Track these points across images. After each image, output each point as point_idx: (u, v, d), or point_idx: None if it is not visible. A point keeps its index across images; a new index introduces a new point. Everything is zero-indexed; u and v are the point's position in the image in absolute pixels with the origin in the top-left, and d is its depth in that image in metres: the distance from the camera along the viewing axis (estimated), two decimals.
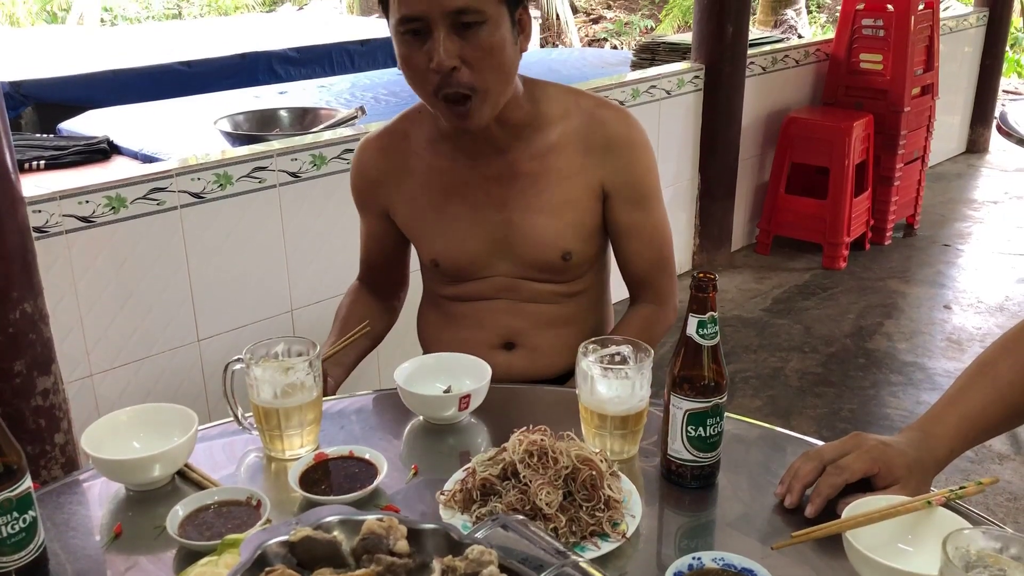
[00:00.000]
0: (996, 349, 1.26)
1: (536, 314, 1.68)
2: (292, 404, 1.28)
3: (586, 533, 1.11)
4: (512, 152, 1.60)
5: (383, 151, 1.70)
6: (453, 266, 1.67)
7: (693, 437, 1.22)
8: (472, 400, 1.39)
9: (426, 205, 1.66)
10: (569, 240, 1.63)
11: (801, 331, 3.89)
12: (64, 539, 1.15)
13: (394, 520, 0.88)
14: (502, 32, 1.45)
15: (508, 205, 1.62)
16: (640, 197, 1.64)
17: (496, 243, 1.64)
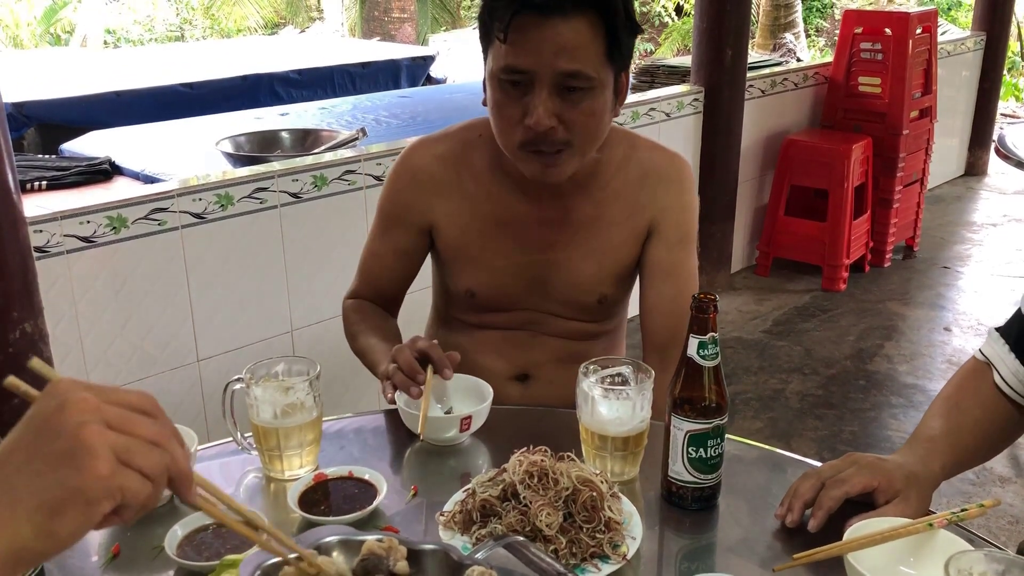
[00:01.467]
0: (955, 387, 1.34)
1: (556, 348, 1.66)
2: (292, 424, 1.28)
3: (586, 555, 1.11)
4: (571, 199, 1.58)
5: (441, 159, 1.61)
6: (489, 299, 1.64)
7: (694, 458, 1.22)
8: (473, 421, 1.38)
9: (475, 233, 1.61)
10: (607, 284, 1.62)
11: (801, 353, 3.89)
12: (62, 560, 1.14)
13: (394, 541, 0.88)
14: (605, 97, 1.44)
15: (555, 247, 1.60)
16: (683, 236, 1.61)
17: (535, 281, 1.62)
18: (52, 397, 0.67)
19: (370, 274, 1.73)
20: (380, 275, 1.72)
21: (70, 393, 0.66)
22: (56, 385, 0.68)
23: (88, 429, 0.65)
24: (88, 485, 0.64)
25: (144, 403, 0.70)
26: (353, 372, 2.38)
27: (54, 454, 0.64)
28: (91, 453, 0.64)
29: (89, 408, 0.65)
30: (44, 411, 0.66)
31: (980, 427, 1.28)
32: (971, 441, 1.27)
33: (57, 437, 0.64)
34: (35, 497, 0.64)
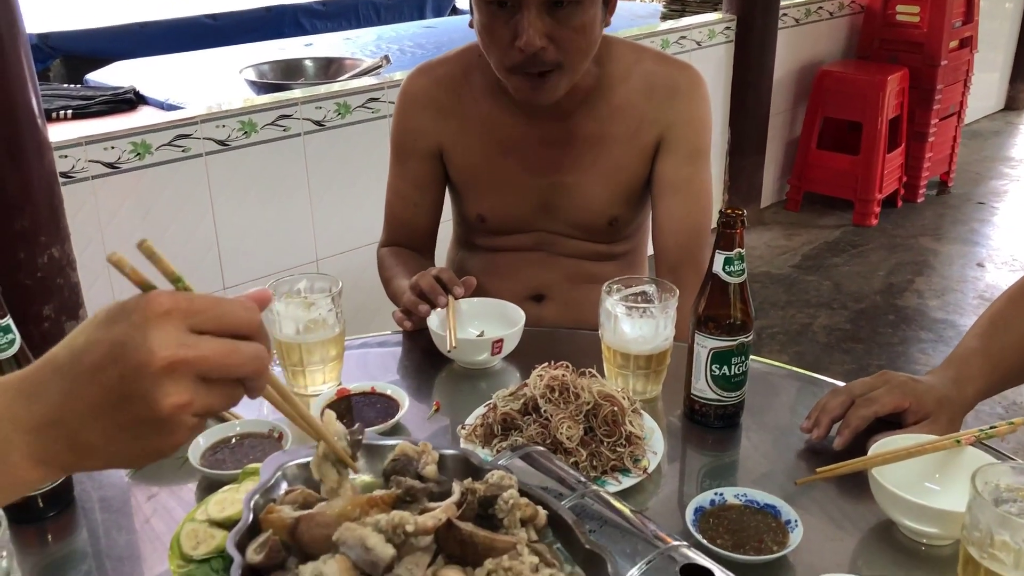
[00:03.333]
0: (1004, 302, 1.26)
1: (570, 269, 1.65)
2: (314, 340, 1.28)
3: (607, 468, 1.10)
4: (573, 117, 1.55)
5: (439, 83, 1.59)
6: (499, 222, 1.63)
7: (717, 376, 1.20)
8: (505, 345, 1.38)
9: (480, 157, 1.59)
10: (617, 206, 1.59)
11: (830, 288, 3.84)
12: (88, 474, 1.16)
13: (428, 445, 0.87)
14: (594, 10, 1.40)
15: (562, 169, 1.57)
16: (694, 151, 1.57)
17: (543, 205, 1.60)
18: (141, 332, 0.59)
19: (397, 217, 1.72)
20: (406, 215, 1.70)
21: (159, 336, 0.58)
22: (147, 309, 0.60)
23: (174, 401, 0.59)
24: (166, 449, 0.63)
25: (242, 321, 0.63)
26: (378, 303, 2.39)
27: (136, 419, 0.60)
28: (173, 427, 0.60)
29: (180, 366, 0.59)
30: (128, 351, 0.59)
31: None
32: (1016, 359, 1.22)
33: (141, 399, 0.59)
34: (108, 449, 0.62)
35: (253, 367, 0.63)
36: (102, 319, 0.61)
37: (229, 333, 0.62)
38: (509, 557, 0.71)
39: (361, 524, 0.74)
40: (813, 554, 0.99)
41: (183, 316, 0.60)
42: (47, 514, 1.06)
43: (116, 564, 1.00)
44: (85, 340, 0.61)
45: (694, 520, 1.02)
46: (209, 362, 0.60)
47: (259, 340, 0.64)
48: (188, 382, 0.60)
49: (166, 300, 0.60)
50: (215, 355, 0.61)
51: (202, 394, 0.61)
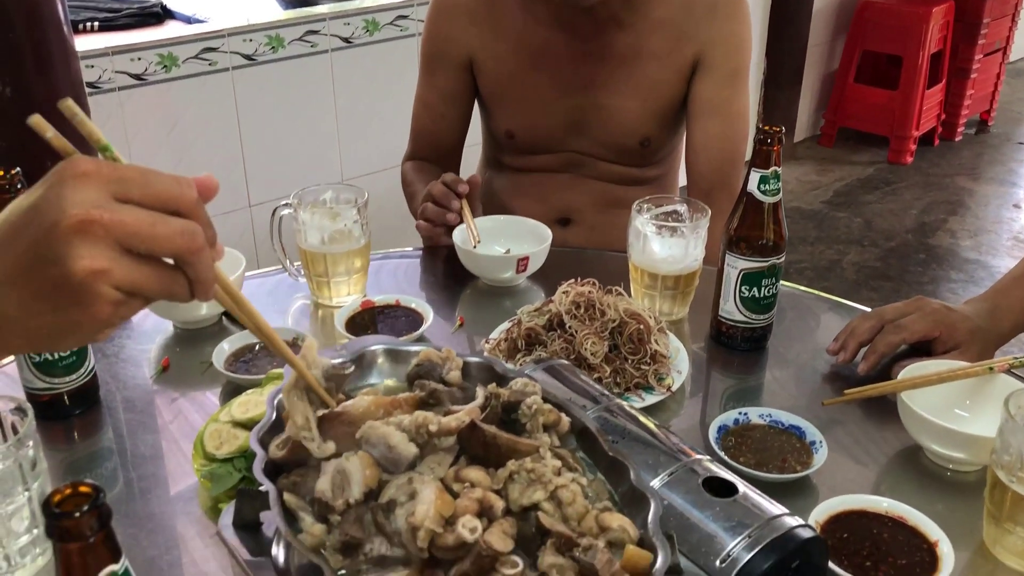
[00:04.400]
0: None
1: (598, 192, 1.62)
2: (339, 251, 1.27)
3: (630, 385, 1.10)
4: (609, 32, 1.49)
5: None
6: (528, 140, 1.60)
7: (747, 298, 1.18)
8: (531, 263, 1.36)
9: (513, 71, 1.55)
10: (650, 126, 1.55)
11: (861, 225, 3.78)
12: (114, 369, 1.17)
13: (452, 351, 0.87)
14: None
15: (595, 84, 1.53)
16: (733, 71, 1.51)
17: (576, 122, 1.56)
18: (56, 192, 0.54)
19: (424, 129, 1.69)
20: (433, 127, 1.67)
21: (74, 196, 0.54)
22: (65, 171, 0.55)
23: (87, 265, 0.54)
24: (86, 323, 0.57)
25: (172, 194, 0.57)
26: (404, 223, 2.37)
27: (49, 284, 0.55)
28: (90, 297, 0.55)
29: (94, 227, 0.54)
30: (42, 213, 0.55)
31: None
32: None
33: (53, 262, 0.54)
34: (27, 323, 0.58)
35: (183, 243, 0.57)
36: (29, 190, 0.57)
37: (158, 207, 0.57)
38: (531, 460, 0.71)
39: (385, 423, 0.74)
40: (836, 476, 0.99)
41: (105, 181, 0.55)
42: (73, 412, 1.07)
43: (140, 462, 1.01)
44: (7, 210, 0.58)
45: (717, 438, 1.01)
46: (127, 228, 0.55)
47: (194, 220, 0.58)
48: (104, 247, 0.55)
49: (87, 163, 0.56)
50: (135, 222, 0.55)
51: (124, 266, 0.56)
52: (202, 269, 0.59)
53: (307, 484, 0.72)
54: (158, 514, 0.94)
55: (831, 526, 0.89)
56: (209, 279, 0.60)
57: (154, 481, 0.98)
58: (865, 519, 0.90)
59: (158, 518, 0.93)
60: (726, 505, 0.78)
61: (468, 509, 0.66)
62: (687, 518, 0.78)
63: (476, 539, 0.63)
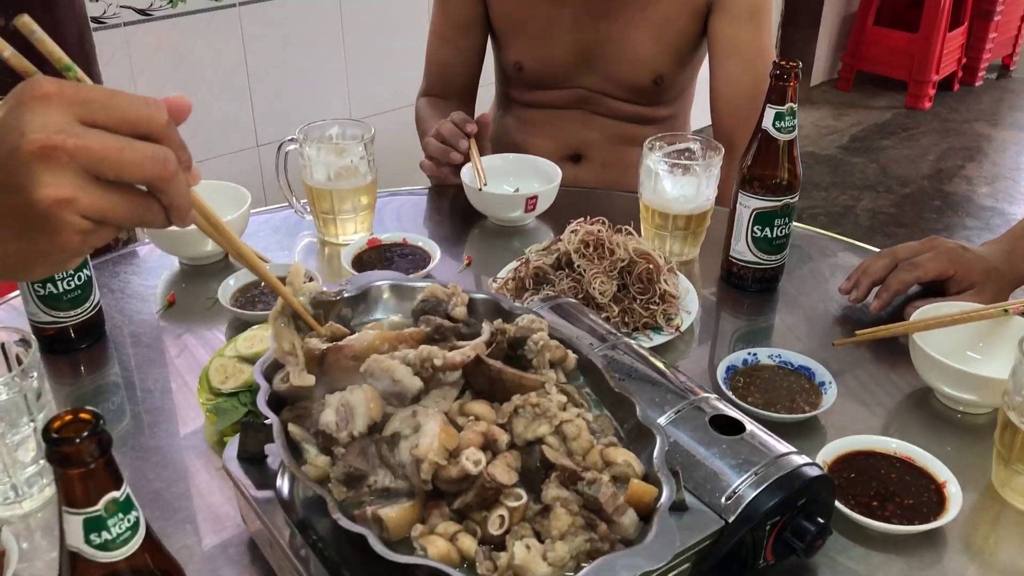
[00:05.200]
0: None
1: (610, 129, 1.59)
2: (346, 187, 1.26)
3: (639, 325, 1.09)
4: None
5: None
6: (537, 73, 1.57)
7: (759, 238, 1.16)
8: (539, 202, 1.34)
9: (524, 1, 1.53)
10: (663, 63, 1.51)
11: (877, 171, 3.73)
12: (120, 304, 1.16)
13: (458, 287, 0.86)
14: None
15: (608, 17, 1.49)
16: (751, 10, 1.47)
17: (587, 56, 1.53)
18: (15, 115, 0.52)
19: (438, 62, 1.66)
20: (447, 58, 1.65)
21: (35, 119, 0.51)
22: (24, 92, 0.52)
23: (51, 193, 0.52)
24: (55, 252, 0.55)
25: (142, 116, 0.54)
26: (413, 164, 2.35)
27: (12, 213, 0.53)
28: (56, 226, 0.53)
29: (58, 153, 0.51)
30: (1, 139, 0.52)
31: None
32: None
33: (14, 190, 0.52)
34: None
35: (153, 168, 0.54)
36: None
37: (126, 130, 0.54)
38: (537, 395, 0.70)
39: (389, 357, 0.73)
40: (846, 417, 0.98)
41: (68, 103, 0.52)
42: (79, 346, 1.07)
43: (146, 396, 1.01)
44: None
45: (725, 378, 1.00)
46: (93, 153, 0.52)
47: (166, 144, 0.55)
48: (69, 174, 0.52)
49: (49, 84, 0.52)
50: (101, 148, 0.52)
51: (91, 194, 0.53)
52: (176, 195, 0.56)
53: (311, 417, 0.72)
54: (164, 447, 0.94)
55: (839, 466, 0.89)
56: (184, 205, 0.58)
57: (160, 415, 0.98)
58: (873, 459, 0.90)
59: (164, 451, 0.93)
60: (733, 443, 0.77)
61: (472, 442, 0.65)
62: (693, 455, 0.77)
63: (480, 471, 0.63)
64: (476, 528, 0.63)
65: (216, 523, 0.85)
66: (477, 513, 0.64)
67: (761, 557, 0.75)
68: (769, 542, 0.75)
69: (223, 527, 0.84)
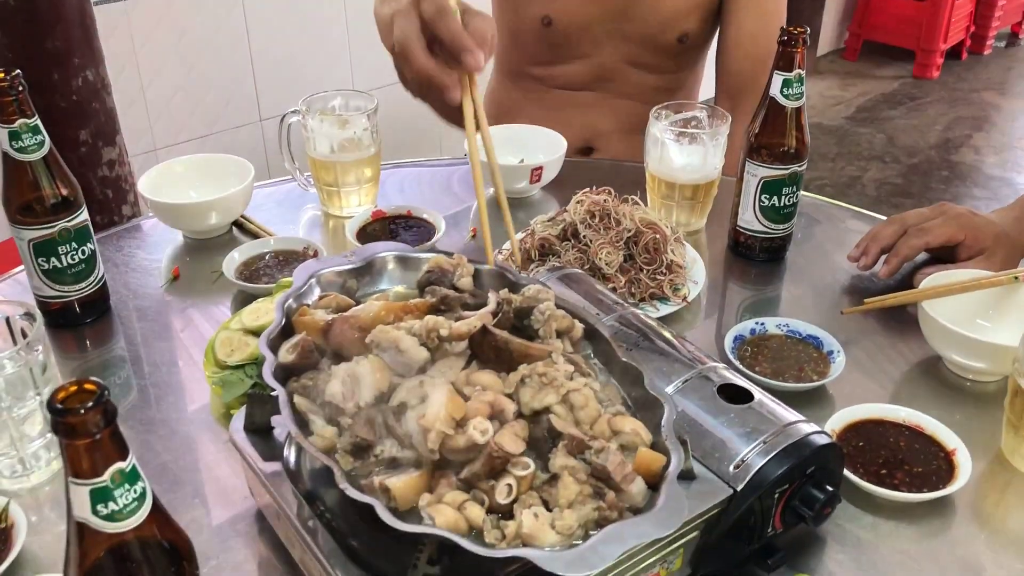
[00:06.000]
0: None
1: (624, 114, 1.56)
2: (349, 159, 1.25)
3: (645, 295, 1.08)
4: None
5: None
6: (564, 29, 1.51)
7: (766, 207, 1.15)
8: (545, 173, 1.33)
9: None
10: (690, 20, 1.48)
11: (883, 141, 3.70)
12: (125, 278, 1.16)
13: (463, 258, 0.85)
14: None
15: None
16: None
17: (615, 13, 1.48)
18: None
19: None
20: None
21: None
22: None
23: None
24: None
25: None
26: (417, 139, 2.34)
27: None
28: None
29: None
30: None
31: None
32: None
33: None
34: None
35: None
36: None
37: None
38: (544, 364, 0.70)
39: (395, 328, 0.73)
40: (854, 385, 0.97)
41: None
42: (84, 320, 1.07)
43: (153, 370, 1.01)
44: None
45: (733, 348, 0.99)
46: None
47: None
48: None
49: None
50: None
51: None
52: None
53: (317, 388, 0.71)
54: (171, 421, 0.94)
55: (847, 434, 0.88)
56: None
57: (166, 388, 0.98)
58: (882, 428, 0.89)
59: (171, 424, 0.93)
60: (741, 412, 0.77)
61: (479, 411, 0.65)
62: (701, 424, 0.77)
63: (487, 441, 0.63)
64: (484, 497, 0.63)
65: (223, 496, 0.85)
66: (484, 482, 0.63)
67: (770, 525, 0.75)
68: (778, 510, 0.75)
69: (231, 500, 0.84)
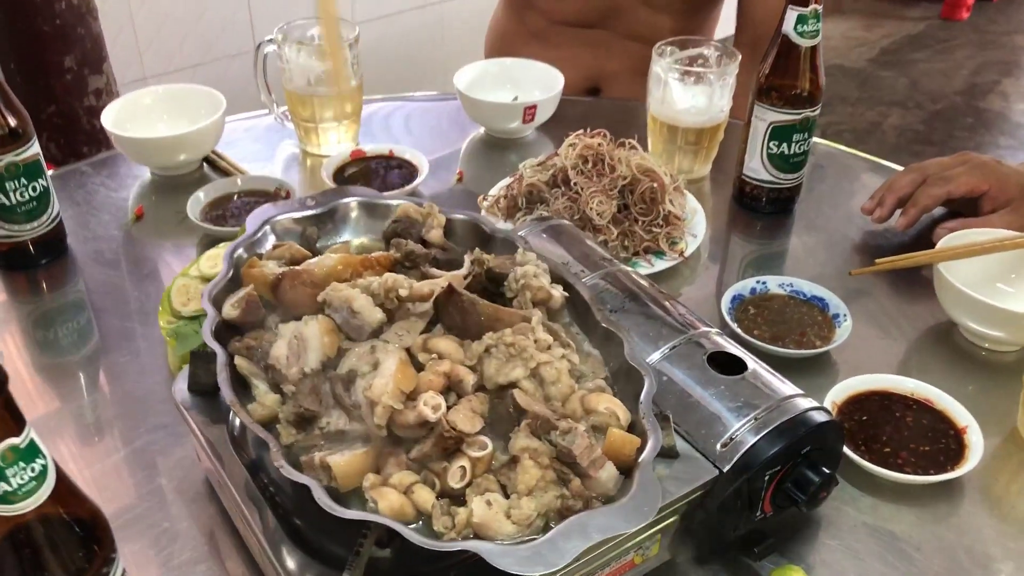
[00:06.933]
0: None
1: (633, 55, 1.46)
2: (327, 94, 1.16)
3: (639, 249, 1.00)
4: None
5: None
6: None
7: (774, 154, 1.07)
8: (539, 112, 1.24)
9: None
10: None
11: (907, 85, 3.56)
12: (84, 218, 1.09)
13: (434, 207, 0.77)
14: None
15: None
16: None
17: None
18: None
19: None
20: None
21: None
22: None
23: None
24: None
25: None
26: (419, 74, 2.24)
27: None
28: None
29: None
30: None
31: None
32: None
33: None
34: None
35: None
36: None
37: None
38: (512, 333, 0.62)
39: (351, 286, 0.66)
40: (860, 353, 0.90)
41: None
42: (39, 262, 1.00)
43: (109, 316, 0.94)
44: None
45: (731, 309, 0.92)
46: None
47: None
48: None
49: None
50: None
51: None
52: None
53: (262, 348, 0.65)
54: (126, 373, 0.88)
55: (849, 407, 0.82)
56: None
57: (122, 338, 0.92)
58: (888, 401, 0.82)
59: (125, 377, 0.87)
60: (732, 383, 0.70)
61: (432, 384, 0.58)
62: (688, 396, 0.69)
63: (439, 418, 0.56)
64: (435, 480, 0.56)
65: (175, 458, 0.79)
66: (437, 463, 0.57)
67: (759, 510, 0.69)
68: (768, 494, 0.68)
69: (182, 463, 0.78)
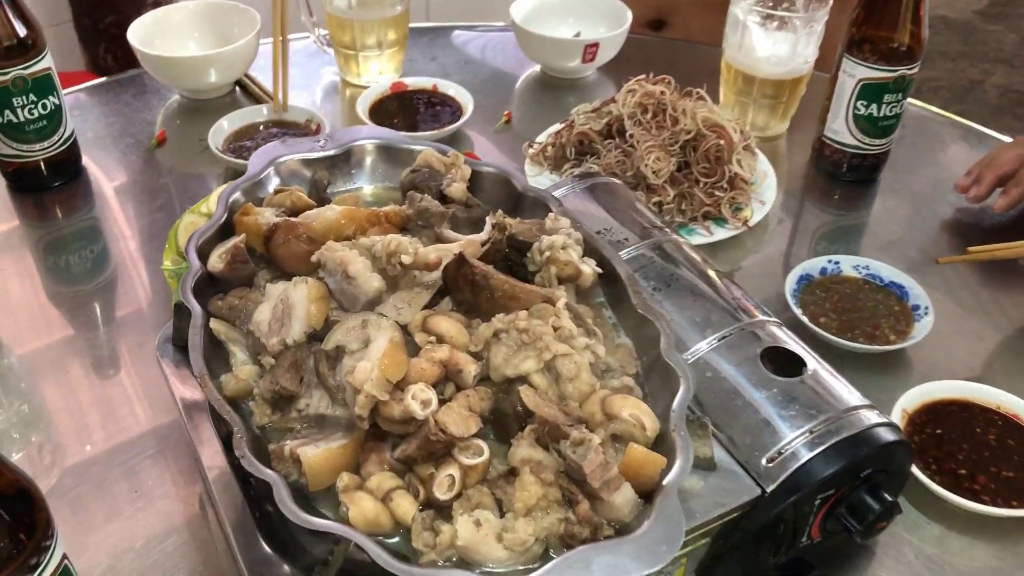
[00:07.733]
0: None
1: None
2: (370, 18, 1.06)
3: (698, 214, 0.90)
4: None
5: None
6: None
7: (861, 116, 0.94)
8: (600, 51, 1.13)
9: None
10: None
11: (1015, 42, 3.29)
12: (101, 140, 1.02)
13: (459, 157, 0.68)
14: None
15: None
16: None
17: None
18: None
19: None
20: None
21: None
22: None
23: None
24: None
25: None
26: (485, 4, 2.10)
27: None
28: None
29: None
30: None
31: None
32: None
33: None
34: None
35: None
36: None
37: None
38: (529, 316, 0.53)
39: (351, 246, 0.57)
40: (940, 352, 0.79)
41: None
42: (51, 184, 0.95)
43: (123, 246, 0.88)
44: None
45: (796, 290, 0.82)
46: None
47: None
48: None
49: None
50: None
51: None
52: None
53: (247, 310, 0.57)
54: (130, 312, 0.82)
55: (922, 417, 0.71)
56: None
57: (129, 273, 0.85)
58: (969, 414, 0.72)
59: (127, 316, 0.81)
60: (788, 386, 0.60)
61: (424, 375, 0.49)
62: (734, 397, 0.60)
63: (427, 416, 0.47)
64: (419, 487, 0.48)
65: (162, 408, 0.72)
66: (423, 467, 0.48)
67: (805, 535, 0.59)
68: (817, 519, 0.59)
69: (169, 411, 0.72)
